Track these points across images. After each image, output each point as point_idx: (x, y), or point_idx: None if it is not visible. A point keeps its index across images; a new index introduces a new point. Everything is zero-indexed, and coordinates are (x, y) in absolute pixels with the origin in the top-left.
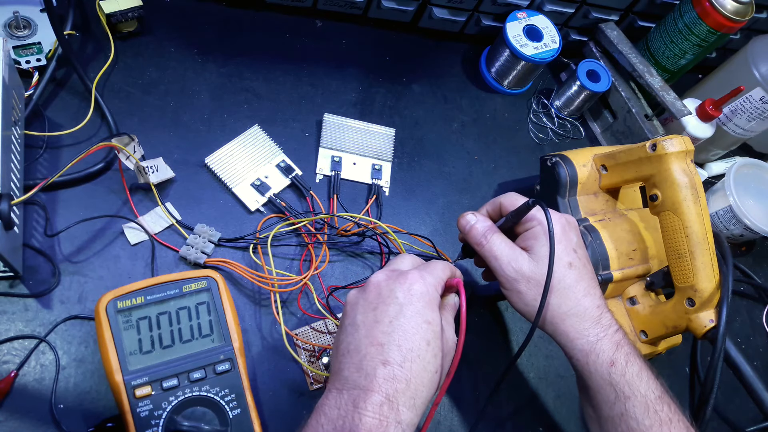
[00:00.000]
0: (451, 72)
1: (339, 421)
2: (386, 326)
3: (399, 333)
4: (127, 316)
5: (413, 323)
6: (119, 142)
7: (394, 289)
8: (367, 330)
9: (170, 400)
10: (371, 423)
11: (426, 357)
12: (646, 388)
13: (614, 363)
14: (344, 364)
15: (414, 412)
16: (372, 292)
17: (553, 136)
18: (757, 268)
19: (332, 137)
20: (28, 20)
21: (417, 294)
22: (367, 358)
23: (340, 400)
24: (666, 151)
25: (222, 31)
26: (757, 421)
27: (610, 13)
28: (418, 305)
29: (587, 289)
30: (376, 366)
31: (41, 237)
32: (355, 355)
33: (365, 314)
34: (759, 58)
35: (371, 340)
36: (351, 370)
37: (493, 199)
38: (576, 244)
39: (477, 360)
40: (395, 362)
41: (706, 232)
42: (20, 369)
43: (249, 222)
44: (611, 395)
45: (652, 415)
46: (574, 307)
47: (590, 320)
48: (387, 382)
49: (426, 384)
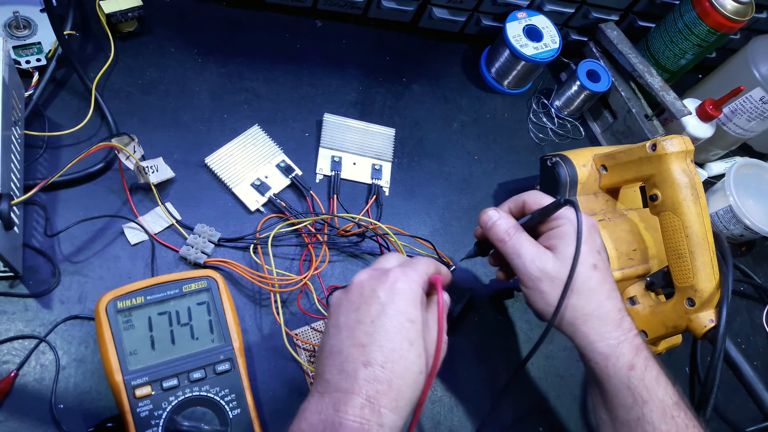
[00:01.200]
0: (451, 72)
1: (319, 426)
2: (368, 326)
3: (381, 333)
4: (127, 316)
5: (395, 322)
6: (119, 142)
7: (376, 288)
8: (349, 331)
9: (170, 400)
10: (352, 427)
11: (409, 357)
12: (664, 393)
13: (634, 367)
14: (326, 367)
15: (397, 414)
16: (354, 292)
17: (553, 136)
18: (757, 268)
19: (332, 137)
20: (28, 20)
21: (399, 292)
22: (349, 359)
23: (321, 405)
24: (666, 151)
25: (222, 31)
26: (757, 421)
27: (610, 13)
28: (400, 304)
29: (610, 291)
30: (357, 367)
31: (41, 237)
32: (337, 357)
33: (348, 315)
34: (759, 58)
35: (353, 341)
36: (333, 373)
37: (515, 197)
38: (600, 246)
39: (477, 360)
40: (377, 363)
41: (706, 232)
42: (20, 369)
43: (249, 222)
44: (629, 399)
45: (669, 421)
46: (597, 309)
47: (612, 323)
48: (368, 384)
49: (409, 385)
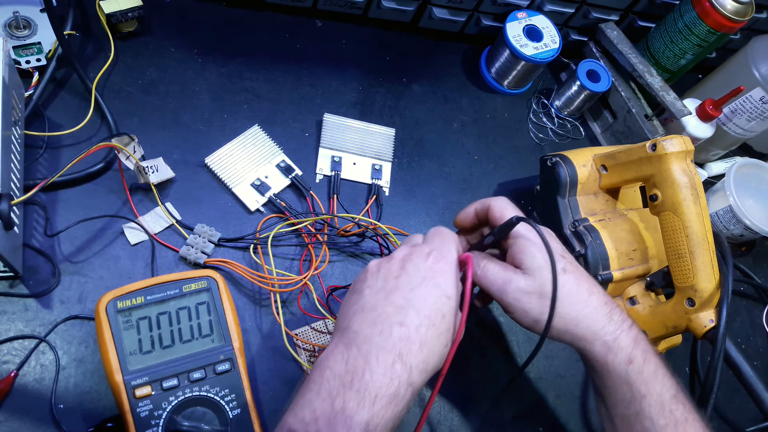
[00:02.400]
0: (451, 72)
1: (347, 377)
2: (407, 292)
3: (419, 300)
4: (127, 316)
5: (434, 294)
6: (119, 142)
7: (418, 264)
8: (386, 293)
9: (170, 400)
10: (381, 381)
11: (440, 328)
12: (662, 386)
13: (632, 361)
14: (356, 321)
15: (424, 376)
16: (396, 264)
17: (553, 136)
18: (757, 268)
19: (332, 137)
20: (28, 20)
21: (440, 271)
22: (383, 316)
23: (348, 355)
24: (666, 151)
25: (222, 31)
26: (757, 421)
27: (610, 13)
28: (440, 279)
29: (590, 288)
30: (392, 324)
31: (41, 237)
32: (370, 313)
33: (386, 280)
34: (759, 58)
35: (390, 301)
36: (363, 326)
37: (483, 200)
38: (561, 250)
39: (477, 360)
40: (412, 324)
41: (706, 232)
42: (20, 369)
43: (249, 222)
44: (627, 394)
45: (667, 415)
46: (584, 309)
47: (602, 319)
48: (401, 342)
49: (437, 353)
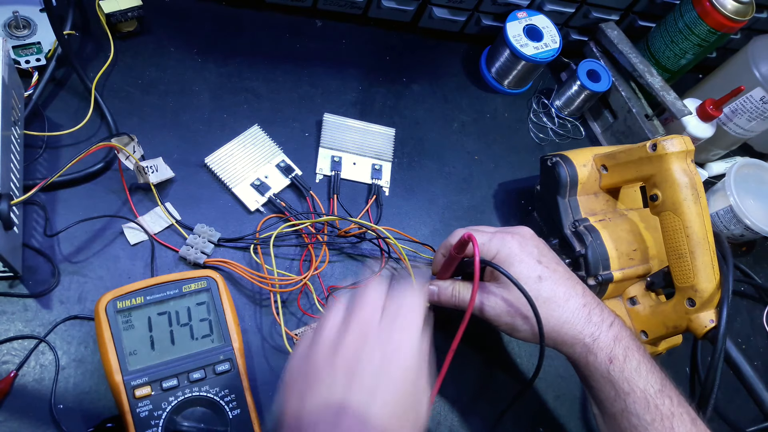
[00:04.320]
0: (451, 72)
1: None
2: (369, 390)
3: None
4: (126, 316)
5: (399, 379)
6: (119, 142)
7: (371, 355)
8: (341, 399)
9: (170, 401)
10: None
11: (411, 401)
12: (645, 382)
13: (612, 360)
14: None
15: None
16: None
17: (553, 136)
18: (758, 268)
19: (332, 137)
20: (28, 20)
21: (403, 367)
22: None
23: None
24: (666, 151)
25: (222, 30)
26: (757, 421)
27: (611, 13)
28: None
29: (566, 293)
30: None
31: (41, 237)
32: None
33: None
34: (759, 58)
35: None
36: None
37: (443, 242)
38: (538, 254)
39: (476, 360)
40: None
41: (707, 232)
42: (20, 369)
43: (249, 222)
44: (611, 393)
45: (653, 410)
46: (562, 315)
47: (581, 321)
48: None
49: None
